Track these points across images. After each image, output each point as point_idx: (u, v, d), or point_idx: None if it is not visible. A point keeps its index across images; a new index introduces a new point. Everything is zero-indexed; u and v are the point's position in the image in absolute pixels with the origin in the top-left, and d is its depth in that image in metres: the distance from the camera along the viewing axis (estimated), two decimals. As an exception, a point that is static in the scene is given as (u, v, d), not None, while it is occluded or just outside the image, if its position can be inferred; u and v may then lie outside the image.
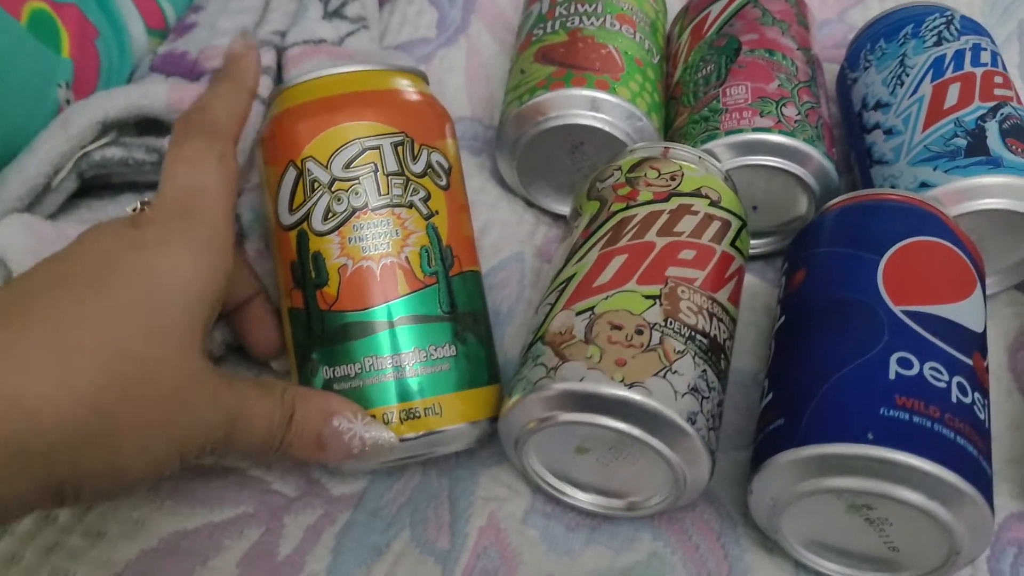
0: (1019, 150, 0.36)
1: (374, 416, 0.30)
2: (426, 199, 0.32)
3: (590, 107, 0.39)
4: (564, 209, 0.44)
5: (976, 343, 0.30)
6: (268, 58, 0.42)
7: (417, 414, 0.30)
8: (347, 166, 0.31)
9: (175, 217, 0.27)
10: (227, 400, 0.27)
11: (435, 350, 0.31)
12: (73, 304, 0.24)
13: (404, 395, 0.30)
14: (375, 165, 0.32)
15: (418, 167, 0.32)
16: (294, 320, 0.32)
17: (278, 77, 0.43)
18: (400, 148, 0.32)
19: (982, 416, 0.28)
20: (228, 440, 0.27)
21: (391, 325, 0.30)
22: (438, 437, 0.31)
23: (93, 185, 0.40)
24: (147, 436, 0.24)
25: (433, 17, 0.55)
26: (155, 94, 0.38)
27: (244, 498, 0.34)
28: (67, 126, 0.37)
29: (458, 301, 0.32)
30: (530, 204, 0.45)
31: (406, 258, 0.31)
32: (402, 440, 0.30)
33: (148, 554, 0.32)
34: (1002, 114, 0.38)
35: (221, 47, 0.42)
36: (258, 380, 0.29)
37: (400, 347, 0.30)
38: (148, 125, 0.40)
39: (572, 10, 0.43)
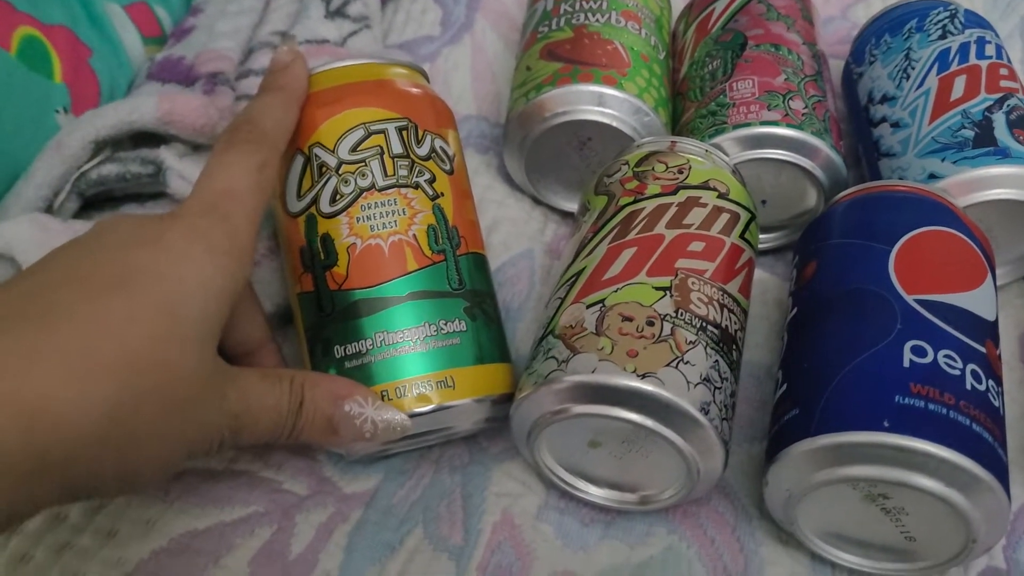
0: (1027, 140, 0.36)
1: (387, 391, 0.30)
2: (431, 181, 0.32)
3: (597, 103, 0.39)
4: (572, 206, 0.44)
5: (988, 331, 0.30)
6: (268, 59, 0.42)
7: (430, 387, 0.30)
8: (353, 149, 0.32)
9: (199, 215, 0.27)
10: (232, 400, 0.27)
11: (446, 324, 0.31)
12: (94, 306, 0.23)
13: (416, 368, 0.30)
14: (381, 148, 0.32)
15: (423, 150, 0.33)
16: (304, 305, 0.32)
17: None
18: (405, 132, 0.32)
19: (997, 404, 0.28)
20: (235, 436, 0.27)
21: (401, 300, 0.30)
22: (450, 413, 0.31)
23: (95, 200, 0.40)
24: (159, 442, 0.24)
25: (437, 15, 0.56)
26: (144, 108, 0.38)
27: (255, 497, 0.34)
28: (61, 148, 0.37)
29: (466, 279, 0.32)
30: (538, 202, 0.45)
31: (414, 235, 0.31)
32: (415, 414, 0.30)
33: (159, 554, 0.32)
34: (1008, 105, 0.38)
35: (218, 50, 0.42)
36: (265, 371, 0.29)
37: (411, 322, 0.30)
38: (143, 137, 0.39)
39: (577, 7, 0.43)
